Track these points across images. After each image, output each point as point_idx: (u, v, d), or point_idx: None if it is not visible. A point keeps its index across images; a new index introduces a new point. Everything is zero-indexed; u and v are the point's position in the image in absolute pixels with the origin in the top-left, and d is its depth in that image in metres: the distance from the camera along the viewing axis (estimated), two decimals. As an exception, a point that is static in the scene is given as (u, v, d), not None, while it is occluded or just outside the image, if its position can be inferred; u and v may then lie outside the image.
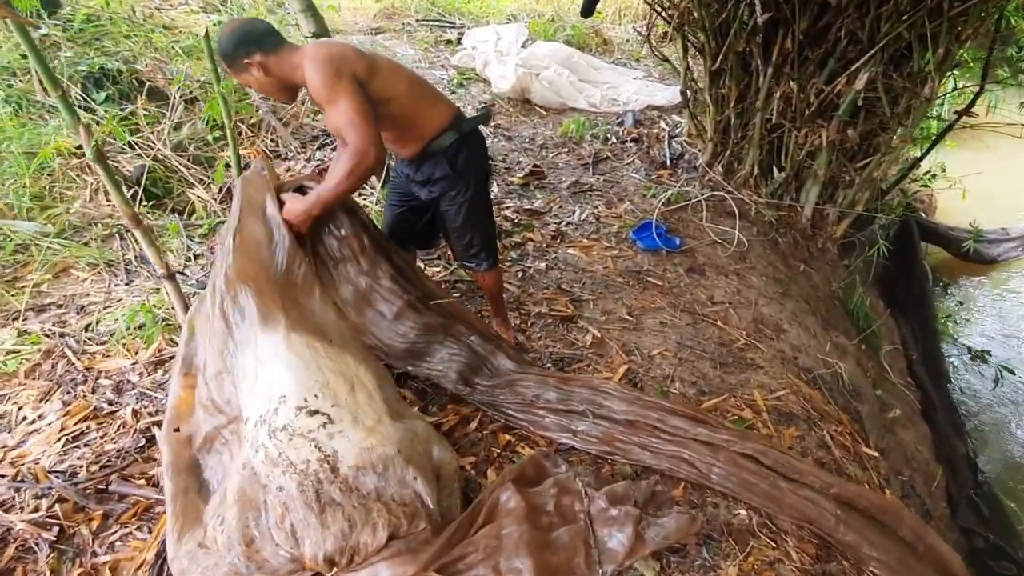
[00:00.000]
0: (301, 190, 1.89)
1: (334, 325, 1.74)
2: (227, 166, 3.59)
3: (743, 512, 1.76)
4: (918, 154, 4.55)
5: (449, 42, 6.81)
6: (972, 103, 4.14)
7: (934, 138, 4.41)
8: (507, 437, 1.96)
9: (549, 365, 2.32)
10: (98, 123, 3.69)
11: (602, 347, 2.46)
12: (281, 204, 1.79)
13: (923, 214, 5.99)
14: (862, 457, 2.31)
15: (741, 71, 3.93)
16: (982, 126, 4.53)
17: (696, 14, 3.83)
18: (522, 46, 6.29)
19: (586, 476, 1.79)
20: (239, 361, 1.65)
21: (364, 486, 1.48)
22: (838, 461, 2.15)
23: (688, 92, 4.32)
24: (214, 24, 5.27)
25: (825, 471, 1.96)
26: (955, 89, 4.63)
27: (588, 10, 4.28)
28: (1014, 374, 4.01)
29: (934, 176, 5.69)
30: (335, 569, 1.42)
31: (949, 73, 4.17)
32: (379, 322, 2.00)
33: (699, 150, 4.45)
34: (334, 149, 4.30)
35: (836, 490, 1.87)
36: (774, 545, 1.68)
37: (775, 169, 4.09)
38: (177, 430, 1.69)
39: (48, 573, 1.47)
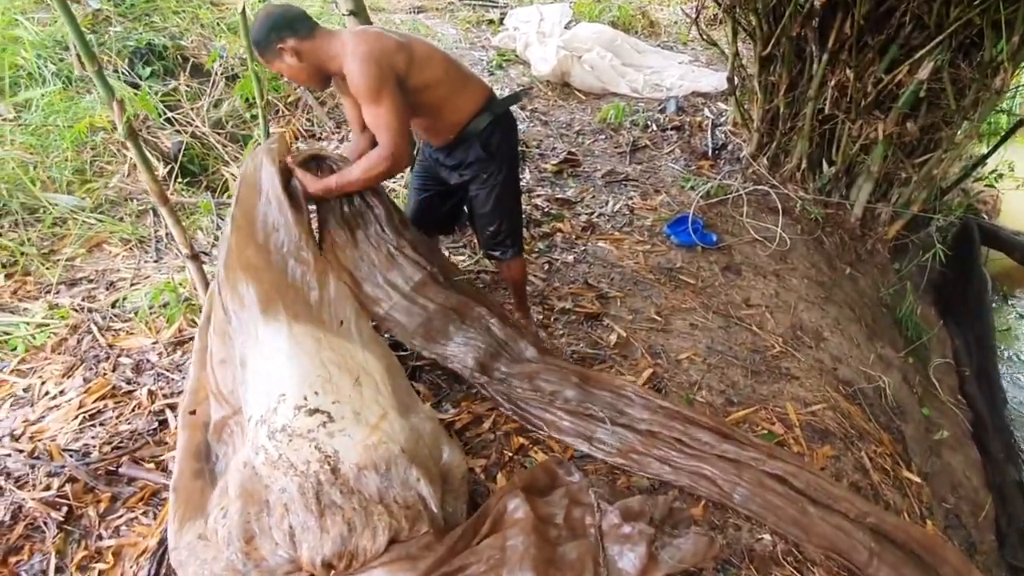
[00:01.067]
0: (318, 161, 1.86)
1: (344, 307, 1.69)
2: (258, 144, 3.60)
3: (767, 537, 1.65)
4: (984, 151, 4.23)
5: (491, 22, 6.67)
6: (1050, 96, 3.81)
7: (1003, 134, 4.09)
8: (521, 440, 1.89)
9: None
10: (138, 97, 3.74)
11: (627, 348, 2.36)
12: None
13: (985, 216, 5.61)
14: (903, 482, 2.15)
15: (794, 57, 3.70)
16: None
17: (748, -6, 3.62)
18: (565, 27, 6.11)
19: (600, 487, 1.71)
20: (239, 352, 1.62)
21: (366, 487, 1.43)
22: (876, 486, 2.01)
23: (735, 79, 4.11)
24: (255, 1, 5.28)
25: (861, 497, 1.83)
26: (1030, 83, 4.28)
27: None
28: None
29: (1000, 175, 5.31)
30: (332, 573, 1.38)
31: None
32: (395, 294, 1.88)
33: (744, 141, 4.24)
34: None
35: (872, 520, 1.74)
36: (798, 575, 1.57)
37: (824, 163, 3.86)
38: (193, 412, 1.68)
39: (54, 554, 1.48)
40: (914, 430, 2.68)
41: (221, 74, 4.24)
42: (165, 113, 3.77)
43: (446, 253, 2.85)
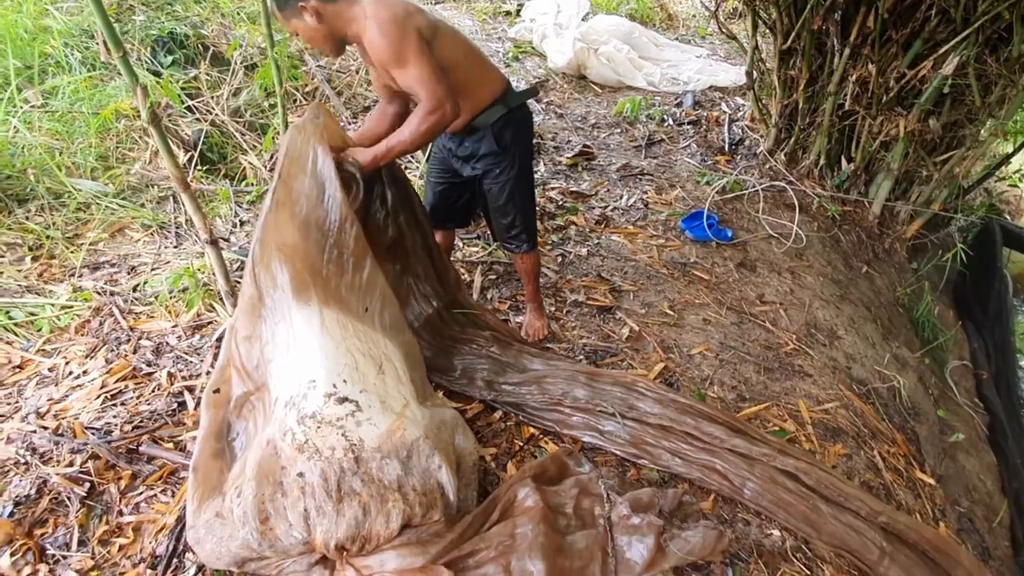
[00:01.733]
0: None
1: (372, 293, 1.69)
2: (276, 134, 3.63)
3: (776, 533, 1.65)
4: (1009, 150, 4.15)
5: (508, 13, 6.65)
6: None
7: (1027, 135, 4.02)
8: (531, 430, 1.91)
9: (582, 358, 2.24)
10: (160, 85, 3.79)
11: (639, 342, 2.36)
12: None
13: (1008, 217, 5.51)
14: (916, 483, 2.14)
15: (814, 51, 3.65)
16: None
17: (770, -12, 3.58)
18: (582, 19, 6.08)
19: (610, 479, 1.72)
20: (269, 330, 1.64)
21: (386, 475, 1.45)
22: (888, 485, 2.00)
23: (754, 73, 4.07)
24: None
25: (873, 496, 1.83)
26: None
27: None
28: (1099, 400, 3.66)
29: (1024, 176, 5.22)
30: (345, 554, 1.41)
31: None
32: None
33: (761, 136, 4.20)
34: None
35: (884, 519, 1.73)
36: (808, 573, 1.57)
37: (843, 160, 3.82)
38: (217, 391, 1.71)
39: (77, 528, 1.52)
40: (928, 431, 2.66)
41: (241, 63, 4.29)
42: (186, 101, 3.81)
43: (459, 243, 2.87)
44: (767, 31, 3.91)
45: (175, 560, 1.47)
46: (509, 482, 1.62)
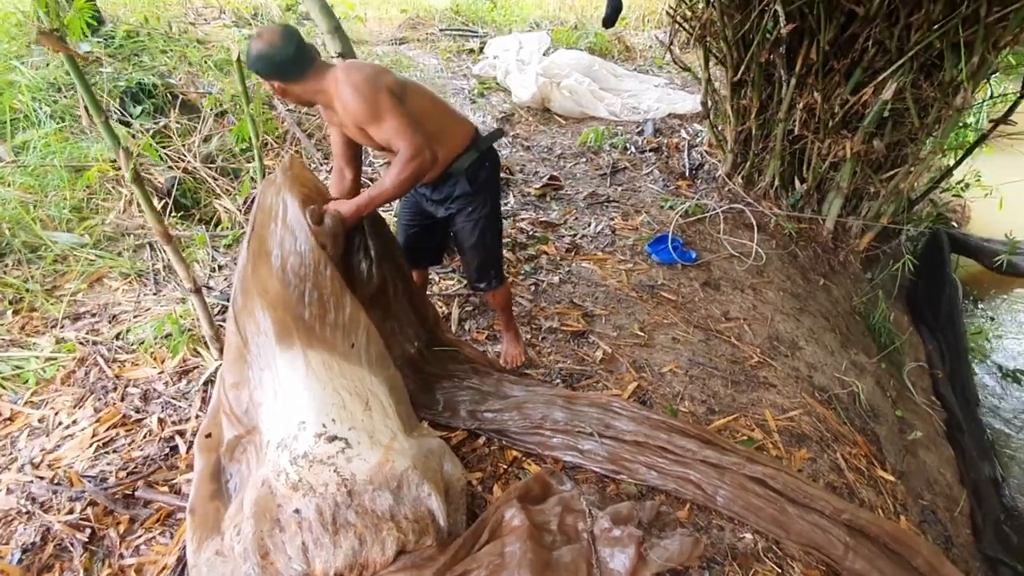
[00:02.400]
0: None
1: (356, 329, 1.76)
2: (253, 180, 3.72)
3: (748, 536, 1.76)
4: (950, 163, 4.44)
5: (472, 51, 6.89)
6: (1010, 111, 3.99)
7: (968, 147, 4.30)
8: (514, 453, 2.00)
9: (559, 381, 2.35)
10: (134, 136, 3.86)
11: (612, 363, 2.48)
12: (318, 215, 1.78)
13: (955, 225, 5.84)
14: (877, 481, 2.28)
15: (763, 81, 3.89)
16: (1021, 135, 4.37)
17: (718, 24, 3.82)
18: (544, 55, 6.33)
19: (591, 495, 1.82)
20: (256, 376, 1.72)
21: (379, 506, 1.53)
22: (851, 485, 2.13)
23: (709, 102, 4.31)
24: (244, 38, 5.45)
25: (836, 496, 1.95)
26: (992, 97, 4.51)
27: (610, 21, 4.30)
28: (1048, 394, 3.89)
29: (967, 185, 5.55)
30: (343, 582, 1.47)
31: (985, 81, 4.06)
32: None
33: (719, 161, 4.43)
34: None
35: (847, 516, 1.86)
36: (779, 571, 1.68)
37: (796, 181, 4.05)
38: (209, 435, 1.77)
39: (82, 572, 1.56)
40: (888, 431, 2.81)
41: (211, 110, 4.38)
42: (159, 151, 3.88)
43: (435, 278, 2.97)
44: (719, 63, 4.15)
45: (177, 600, 1.52)
46: (496, 504, 1.70)
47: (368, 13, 7.65)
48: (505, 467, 1.94)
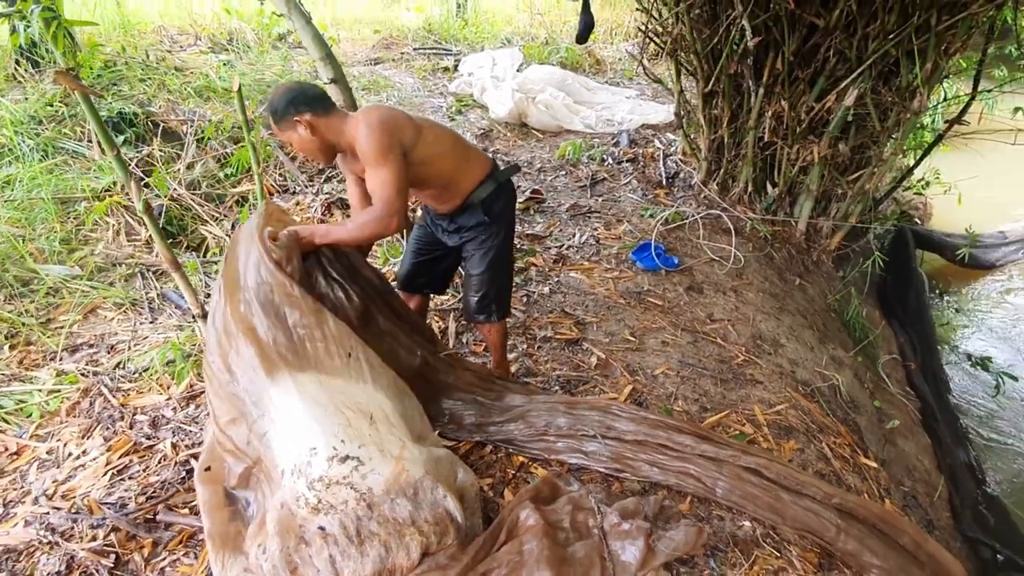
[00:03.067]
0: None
1: (347, 341, 1.80)
2: (253, 206, 3.79)
3: (747, 523, 1.87)
4: (911, 163, 4.68)
5: (447, 69, 7.01)
6: (963, 112, 4.24)
7: (926, 147, 4.54)
8: (521, 459, 2.08)
9: (557, 388, 2.44)
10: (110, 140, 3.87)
11: (607, 368, 2.58)
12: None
13: (918, 221, 6.11)
14: (861, 468, 2.41)
15: (733, 92, 4.08)
16: (974, 134, 4.63)
17: (688, 39, 4.00)
18: (517, 70, 6.49)
19: (598, 493, 1.91)
20: (253, 409, 1.72)
21: (399, 514, 1.59)
22: (838, 472, 2.26)
23: (682, 112, 4.49)
24: (222, 64, 5.49)
25: (826, 482, 2.07)
26: (946, 99, 4.77)
27: (583, 37, 4.46)
28: (1016, 380, 4.10)
29: (928, 183, 5.83)
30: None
31: (939, 84, 4.31)
32: None
33: (694, 168, 4.60)
34: (341, 181, 4.46)
35: (837, 500, 1.97)
36: (777, 555, 1.79)
37: (768, 185, 4.23)
38: (208, 469, 1.80)
39: (107, 600, 1.59)
40: (868, 421, 2.96)
41: (193, 137, 4.42)
42: (153, 181, 3.91)
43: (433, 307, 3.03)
44: (690, 76, 4.33)
45: (207, 618, 1.56)
46: (511, 505, 1.78)
47: (341, 34, 7.74)
48: (513, 472, 2.02)
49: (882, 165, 4.12)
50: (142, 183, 3.89)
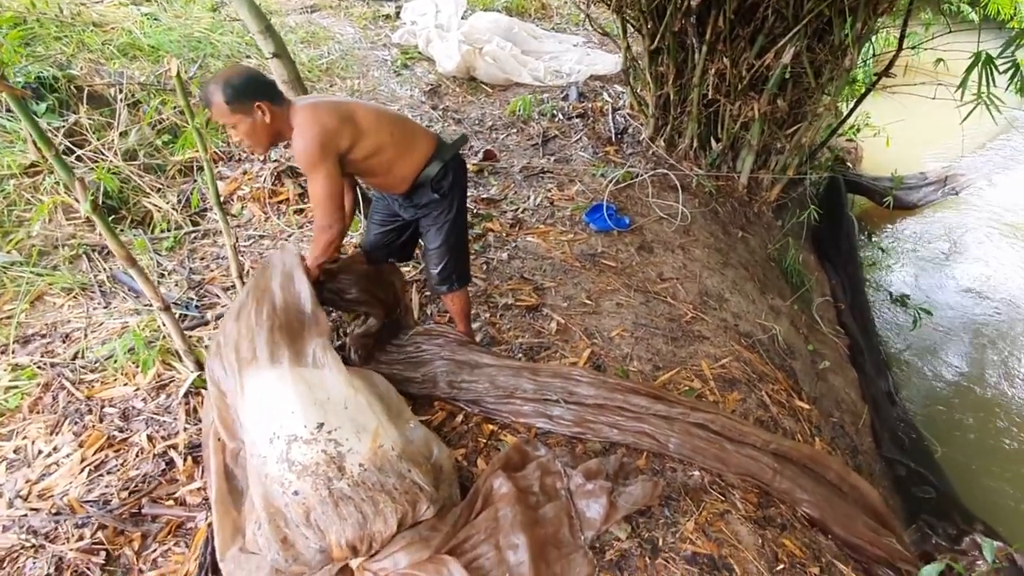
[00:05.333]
0: None
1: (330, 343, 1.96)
2: (203, 197, 3.70)
3: (696, 473, 2.08)
4: (844, 112, 4.88)
5: (388, 17, 6.73)
6: (889, 66, 4.43)
7: (856, 98, 4.75)
8: (490, 427, 2.22)
9: (520, 356, 2.57)
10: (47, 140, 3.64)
11: (566, 333, 2.72)
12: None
13: (849, 165, 6.43)
14: (796, 411, 2.68)
15: (678, 49, 4.13)
16: (900, 86, 4.84)
17: (633, -5, 3.99)
18: (462, 17, 6.30)
19: (563, 456, 2.07)
20: (243, 391, 1.84)
21: (369, 479, 1.72)
22: (775, 417, 2.51)
23: (629, 69, 4.52)
24: (144, 17, 5.11)
25: (763, 430, 2.31)
26: (875, 55, 4.96)
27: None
28: (931, 315, 4.50)
29: (859, 129, 6.11)
30: (358, 556, 1.66)
31: (868, 42, 4.48)
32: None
33: (642, 124, 4.68)
34: (287, 146, 4.34)
35: (774, 446, 2.22)
36: (723, 499, 2.02)
37: (713, 141, 4.37)
38: (219, 439, 1.89)
39: (103, 593, 1.66)
40: (802, 365, 3.25)
41: (123, 102, 4.17)
42: (75, 151, 3.70)
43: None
44: (636, 32, 4.34)
45: (207, 600, 1.66)
46: (483, 475, 1.93)
47: (272, -21, 7.25)
48: (484, 441, 2.16)
49: (817, 119, 4.31)
50: (74, 156, 3.69)
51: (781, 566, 1.88)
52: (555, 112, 4.95)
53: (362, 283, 2.33)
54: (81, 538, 1.75)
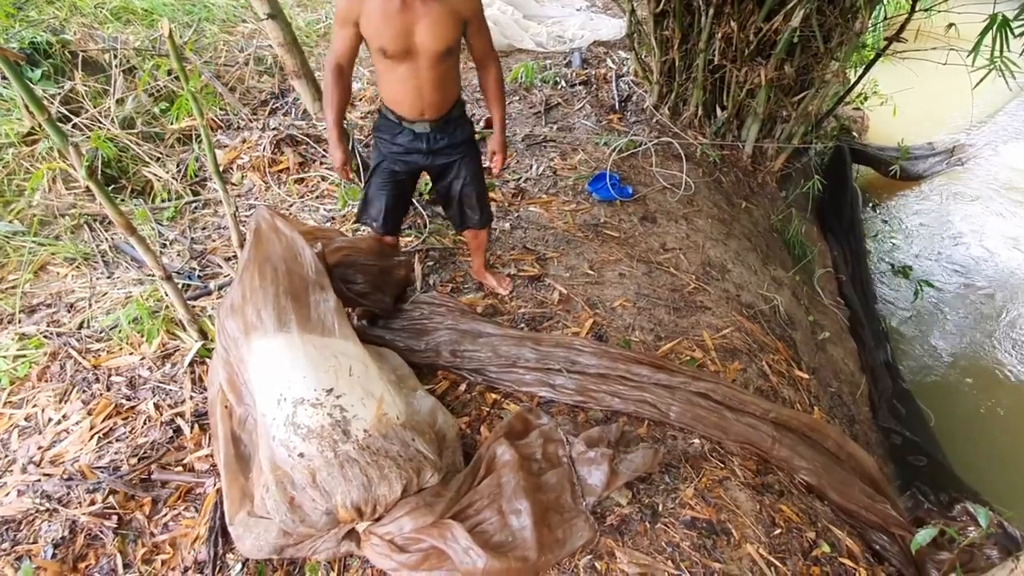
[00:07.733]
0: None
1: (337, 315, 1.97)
2: (198, 161, 3.66)
3: (696, 441, 2.11)
4: (852, 79, 4.79)
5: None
6: (901, 30, 4.33)
7: (866, 64, 4.65)
8: (494, 396, 2.24)
9: (523, 326, 2.58)
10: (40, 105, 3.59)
11: (569, 303, 2.73)
12: None
13: (855, 135, 6.34)
14: (796, 380, 2.70)
15: (684, 12, 4.04)
16: (912, 51, 4.73)
17: (639, -43, 3.89)
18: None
19: (565, 424, 2.10)
20: (251, 357, 1.85)
21: (373, 444, 1.75)
22: (775, 387, 2.53)
23: (634, 34, 4.42)
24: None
25: (763, 398, 2.33)
26: (885, 19, 4.84)
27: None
28: (932, 287, 4.50)
29: (866, 97, 6.01)
30: (363, 519, 1.70)
31: (880, 5, 4.37)
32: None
33: (646, 92, 4.60)
34: (286, 114, 4.29)
35: (773, 415, 2.24)
36: (722, 466, 2.05)
37: (718, 109, 4.30)
38: (227, 407, 1.92)
39: (117, 555, 1.71)
40: (803, 335, 3.26)
41: (118, 68, 4.10)
42: (71, 119, 3.66)
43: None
44: (640, -5, 4.24)
45: (219, 562, 1.71)
46: (487, 443, 1.95)
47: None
48: (488, 410, 2.19)
49: (824, 86, 4.23)
50: (71, 124, 3.65)
51: (778, 531, 1.92)
52: (558, 79, 4.87)
53: (370, 276, 2.35)
54: (93, 503, 1.79)
